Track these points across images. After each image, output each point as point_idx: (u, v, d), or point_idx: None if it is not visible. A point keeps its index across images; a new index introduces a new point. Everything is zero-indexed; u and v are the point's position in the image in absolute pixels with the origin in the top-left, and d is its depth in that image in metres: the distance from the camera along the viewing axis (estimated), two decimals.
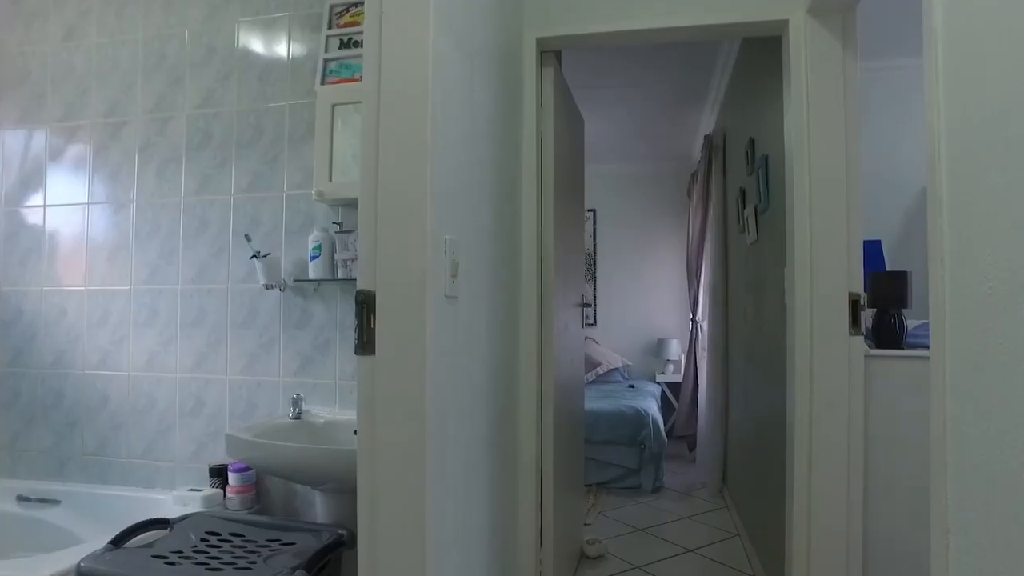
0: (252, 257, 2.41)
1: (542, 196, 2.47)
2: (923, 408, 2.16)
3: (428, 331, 1.38)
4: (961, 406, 1.16)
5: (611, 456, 4.55)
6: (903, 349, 2.14)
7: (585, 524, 3.71)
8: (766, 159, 2.77)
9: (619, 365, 6.29)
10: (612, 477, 4.57)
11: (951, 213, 1.00)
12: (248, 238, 2.46)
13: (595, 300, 6.65)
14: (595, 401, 4.86)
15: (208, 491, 2.34)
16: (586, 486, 4.49)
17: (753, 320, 3.16)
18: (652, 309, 6.52)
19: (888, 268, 2.77)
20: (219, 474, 2.38)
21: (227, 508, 2.30)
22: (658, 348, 6.32)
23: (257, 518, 2.06)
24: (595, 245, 6.66)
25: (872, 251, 2.62)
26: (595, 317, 6.65)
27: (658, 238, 6.48)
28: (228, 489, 2.33)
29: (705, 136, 4.35)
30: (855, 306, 2.00)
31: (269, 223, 2.52)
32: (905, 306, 2.17)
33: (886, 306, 2.18)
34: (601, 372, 6.21)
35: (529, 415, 2.30)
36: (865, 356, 2.03)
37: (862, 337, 2.00)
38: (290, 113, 2.52)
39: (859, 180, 2.08)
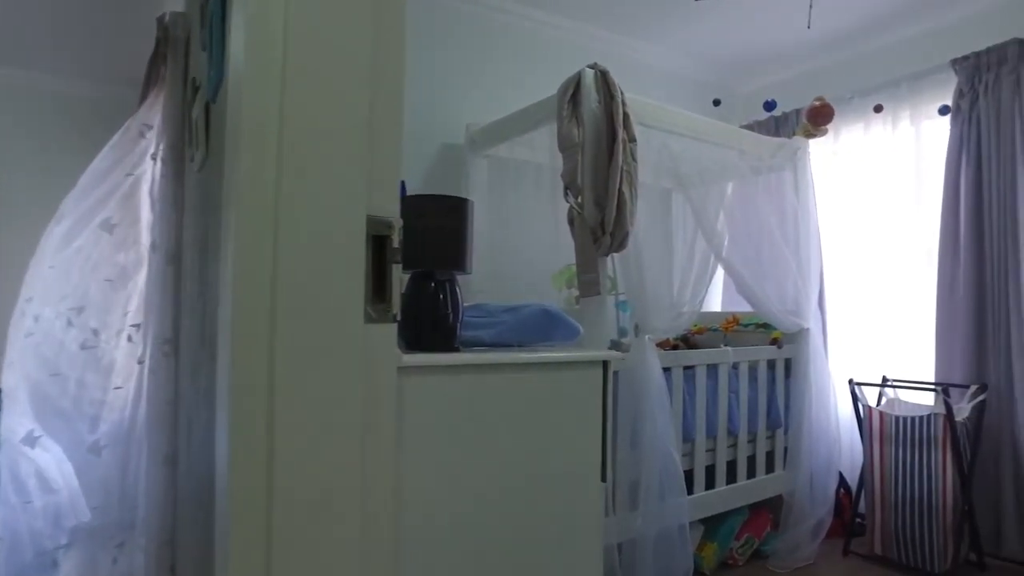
0: None
1: None
2: (505, 468, 0.92)
3: None
4: None
5: None
6: (457, 351, 1.10)
7: None
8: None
9: None
10: None
11: None
12: None
13: None
14: None
15: None
16: None
17: (200, 302, 1.79)
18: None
19: None
20: None
21: None
22: None
23: None
24: None
25: None
26: None
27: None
28: None
29: (158, 19, 2.76)
30: (382, 250, 0.83)
31: None
32: (462, 268, 1.14)
33: (431, 266, 1.11)
34: None
35: None
36: (399, 368, 0.89)
37: (393, 327, 0.86)
38: None
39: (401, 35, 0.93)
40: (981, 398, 2.55)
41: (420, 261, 1.10)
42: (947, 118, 2.79)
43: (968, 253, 2.69)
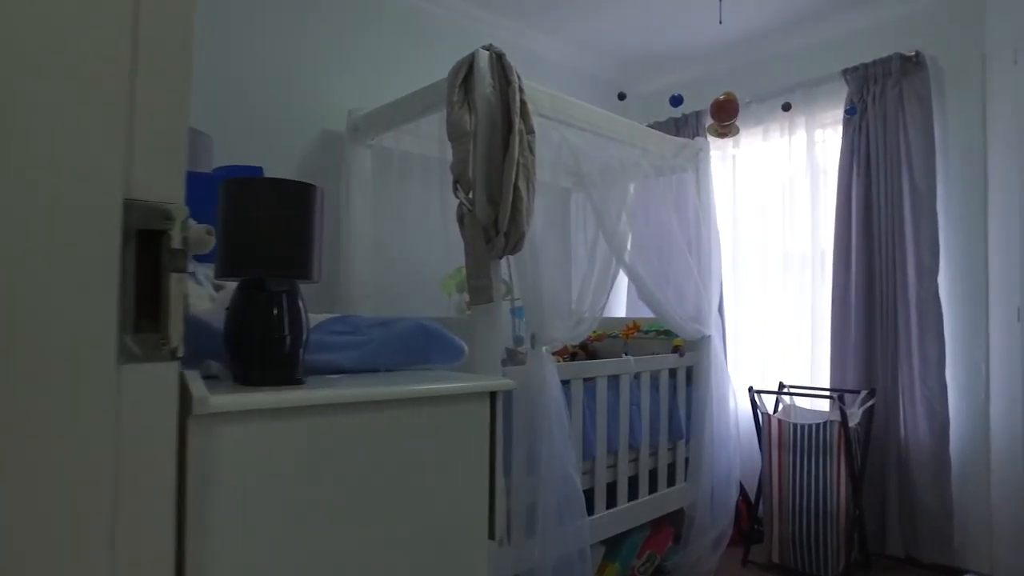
0: None
1: None
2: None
3: None
4: None
5: None
6: (300, 384, 0.84)
7: None
8: None
9: None
10: None
11: None
12: None
13: None
14: None
15: None
16: None
17: None
18: None
19: None
20: None
21: None
22: None
23: None
24: None
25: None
26: None
27: None
28: None
29: None
30: (155, 253, 0.56)
31: None
32: (306, 275, 0.87)
33: (261, 273, 0.85)
34: None
35: None
36: (195, 418, 0.62)
37: (172, 366, 0.59)
38: None
39: None
40: (870, 403, 2.57)
41: (247, 265, 0.83)
42: (839, 128, 2.81)
43: (859, 260, 2.71)
